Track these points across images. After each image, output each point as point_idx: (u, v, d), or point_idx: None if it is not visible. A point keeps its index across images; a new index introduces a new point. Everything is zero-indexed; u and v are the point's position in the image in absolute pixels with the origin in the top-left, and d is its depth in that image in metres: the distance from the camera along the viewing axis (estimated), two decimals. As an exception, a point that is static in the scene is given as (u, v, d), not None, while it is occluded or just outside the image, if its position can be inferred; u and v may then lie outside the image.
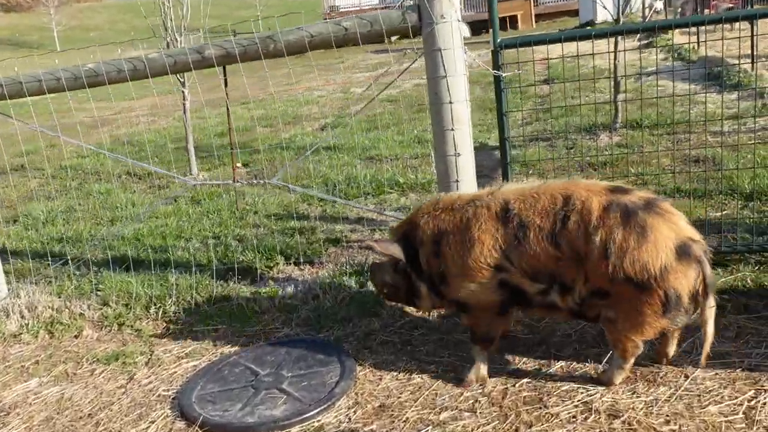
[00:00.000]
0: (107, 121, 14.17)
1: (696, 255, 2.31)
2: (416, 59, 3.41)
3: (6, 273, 4.68)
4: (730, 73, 8.31)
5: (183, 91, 7.10)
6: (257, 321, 3.58)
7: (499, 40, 3.31)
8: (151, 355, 3.39)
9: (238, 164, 7.66)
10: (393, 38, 3.86)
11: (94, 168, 8.24)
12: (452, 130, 3.18)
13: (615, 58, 6.35)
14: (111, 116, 14.71)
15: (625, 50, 5.10)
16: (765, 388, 2.45)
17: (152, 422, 2.78)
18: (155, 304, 3.85)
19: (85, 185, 7.46)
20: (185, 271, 4.17)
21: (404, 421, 2.56)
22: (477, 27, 23.81)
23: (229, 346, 3.38)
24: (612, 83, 6.53)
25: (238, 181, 3.92)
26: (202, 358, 3.29)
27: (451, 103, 3.14)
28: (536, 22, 26.08)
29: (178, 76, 7.07)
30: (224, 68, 3.51)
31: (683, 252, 2.30)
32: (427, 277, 2.71)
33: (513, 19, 24.67)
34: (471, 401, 2.62)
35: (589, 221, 2.37)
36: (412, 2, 3.23)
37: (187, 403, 2.84)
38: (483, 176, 5.64)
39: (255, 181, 4.00)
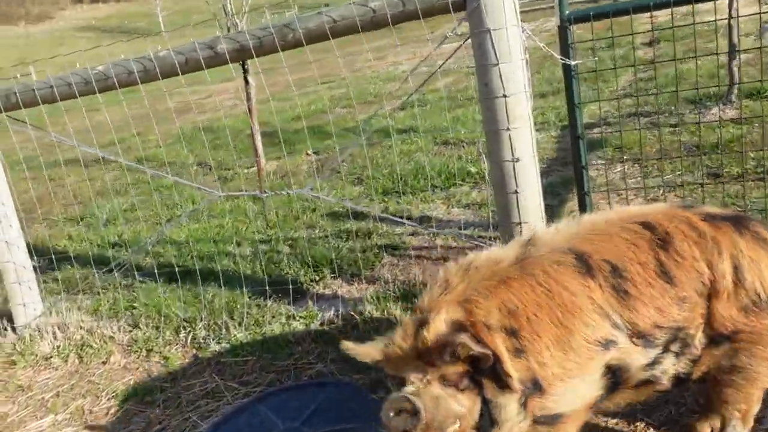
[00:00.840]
0: (200, 104, 14.26)
1: None
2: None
3: (54, 281, 4.51)
4: None
5: (246, 78, 6.73)
6: (289, 353, 3.12)
7: (567, 12, 2.60)
8: (171, 390, 3.03)
9: (309, 151, 7.26)
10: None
11: (169, 158, 8.10)
12: (508, 129, 2.53)
13: (729, 13, 5.29)
14: (200, 100, 14.80)
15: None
16: None
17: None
18: (185, 328, 3.48)
19: (155, 179, 7.31)
20: (225, 284, 3.78)
21: None
22: None
23: (255, 384, 2.94)
24: (728, 43, 5.46)
25: (264, 192, 3.44)
26: (222, 399, 2.88)
27: (505, 96, 2.49)
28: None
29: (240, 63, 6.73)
30: (243, 68, 3.06)
31: None
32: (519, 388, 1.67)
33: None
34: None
35: (701, 239, 1.74)
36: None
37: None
38: (566, 163, 4.93)
39: (281, 192, 3.50)
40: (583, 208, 2.97)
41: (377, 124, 7.81)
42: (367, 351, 1.70)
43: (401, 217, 3.59)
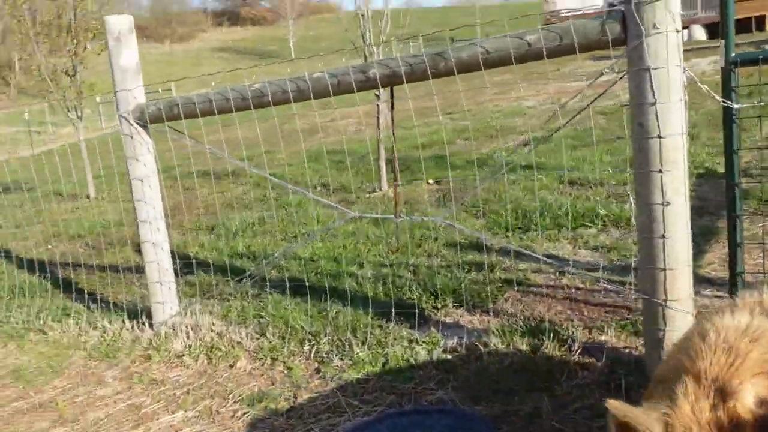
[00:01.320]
0: (323, 127, 14.79)
1: None
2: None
3: (187, 284, 4.79)
4: None
5: (377, 104, 6.93)
6: (411, 376, 3.13)
7: (733, 54, 2.51)
8: (294, 401, 3.12)
9: (431, 181, 7.34)
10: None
11: (294, 177, 8.43)
12: (660, 172, 2.45)
13: None
14: (326, 123, 15.33)
15: None
16: None
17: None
18: (310, 341, 3.59)
19: (283, 195, 7.63)
20: (349, 303, 3.87)
21: None
22: (715, 30, 21.22)
23: (375, 403, 2.98)
24: None
25: (399, 217, 3.51)
26: (343, 416, 2.93)
27: (660, 137, 2.42)
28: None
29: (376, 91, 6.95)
30: (391, 90, 3.16)
31: None
32: None
33: (760, 20, 21.62)
34: None
35: None
36: (617, 8, 2.57)
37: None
38: (708, 212, 4.69)
39: (416, 218, 3.55)
40: (733, 260, 2.81)
41: (498, 159, 7.79)
42: (642, 418, 1.31)
43: (533, 252, 3.54)
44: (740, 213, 2.74)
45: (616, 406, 1.32)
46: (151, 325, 4.15)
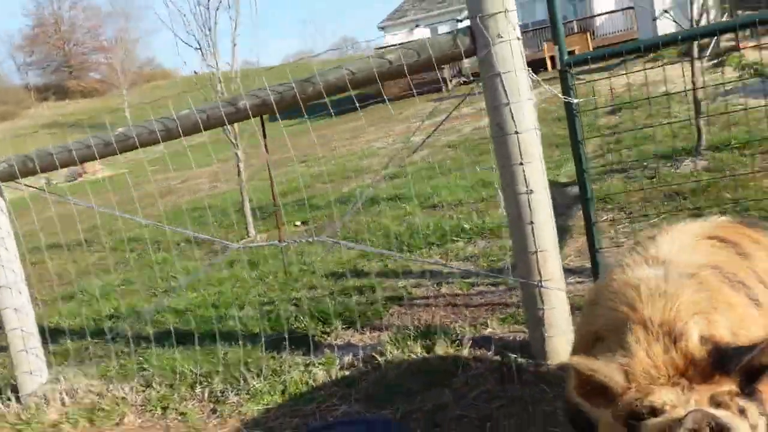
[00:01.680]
0: (174, 190, 14.36)
1: None
2: (463, 100, 3.01)
3: (54, 353, 4.45)
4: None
5: (236, 153, 6.93)
6: (312, 397, 3.13)
7: (566, 58, 2.86)
8: (195, 444, 3.00)
9: (297, 222, 7.38)
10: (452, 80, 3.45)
11: (154, 237, 8.12)
12: (521, 164, 2.71)
13: (693, 76, 5.81)
14: (177, 185, 14.91)
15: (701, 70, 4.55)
16: None
17: None
18: (201, 383, 3.47)
19: (145, 255, 7.32)
20: (235, 343, 3.80)
21: None
22: (534, 66, 23.33)
23: (281, 429, 2.94)
24: (693, 102, 5.93)
25: (284, 241, 3.54)
26: (250, 446, 2.87)
27: (517, 133, 2.69)
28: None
29: (232, 139, 6.96)
30: (261, 119, 3.22)
31: None
32: None
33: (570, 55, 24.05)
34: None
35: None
36: (463, 25, 2.83)
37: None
38: (558, 215, 5.12)
39: (302, 239, 3.60)
40: (591, 237, 3.12)
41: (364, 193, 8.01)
42: (606, 370, 1.34)
43: (419, 257, 3.68)
44: (591, 195, 3.07)
45: (579, 361, 1.36)
46: (18, 399, 3.80)
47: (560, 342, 2.85)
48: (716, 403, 1.27)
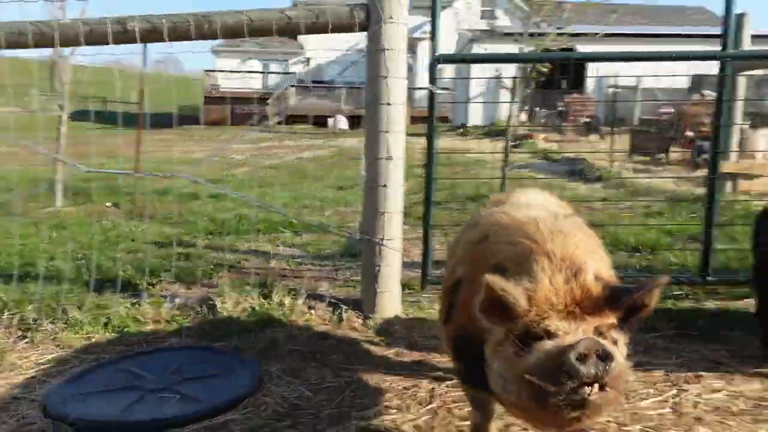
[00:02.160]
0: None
1: None
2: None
3: None
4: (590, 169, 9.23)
5: (60, 116, 6.54)
6: (139, 331, 3.10)
7: (438, 54, 3.27)
8: (1, 361, 2.81)
9: (108, 203, 7.06)
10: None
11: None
12: (387, 132, 3.05)
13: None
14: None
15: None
16: (684, 388, 2.45)
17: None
18: (10, 309, 3.25)
19: None
20: (51, 282, 3.61)
21: (321, 417, 2.24)
22: (356, 121, 24.62)
23: (104, 353, 2.87)
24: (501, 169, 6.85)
25: (139, 173, 3.49)
26: (68, 364, 2.76)
27: (389, 104, 3.03)
28: (412, 123, 27.28)
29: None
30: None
31: None
32: None
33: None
34: (398, 400, 2.36)
35: None
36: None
37: (54, 403, 2.32)
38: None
39: (157, 174, 3.58)
40: (428, 209, 3.46)
41: (178, 191, 7.88)
42: (514, 291, 1.45)
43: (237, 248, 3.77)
44: (436, 176, 3.46)
45: (493, 280, 1.45)
46: None
47: (389, 299, 3.16)
48: (599, 333, 1.43)
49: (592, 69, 18.97)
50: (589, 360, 1.33)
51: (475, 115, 21.47)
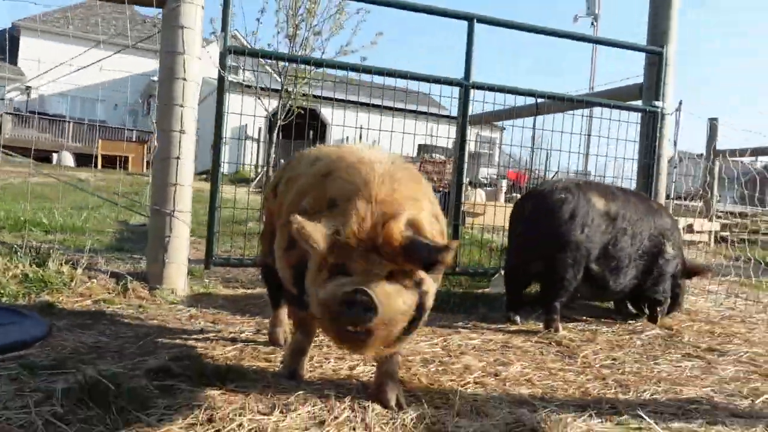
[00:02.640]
0: None
1: None
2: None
3: None
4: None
5: None
6: None
7: (227, 45, 3.48)
8: None
9: None
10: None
11: None
12: (182, 106, 3.16)
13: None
14: None
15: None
16: (448, 338, 2.93)
17: None
18: None
19: None
20: None
21: (126, 354, 2.25)
22: (81, 160, 23.07)
23: None
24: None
25: None
26: None
27: (184, 80, 3.16)
28: (147, 167, 26.22)
29: None
30: None
31: None
32: None
33: (124, 160, 24.46)
34: (202, 345, 2.46)
35: None
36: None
37: None
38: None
39: None
40: (216, 187, 3.56)
41: None
42: (314, 233, 1.56)
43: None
44: (219, 181, 3.57)
45: (294, 219, 1.55)
46: None
47: (177, 270, 3.21)
48: (391, 277, 1.58)
49: (337, 130, 20.37)
50: (354, 308, 1.50)
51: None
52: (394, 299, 1.56)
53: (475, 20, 3.92)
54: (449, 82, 3.98)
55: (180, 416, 1.74)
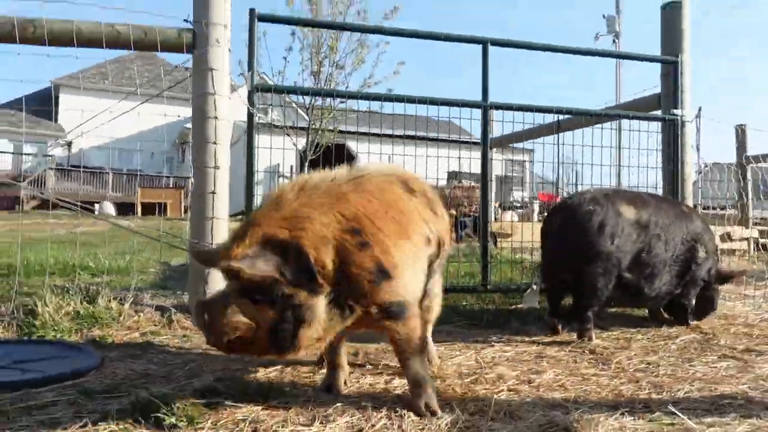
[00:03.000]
0: None
1: None
2: None
3: None
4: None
5: None
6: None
7: (256, 83, 3.66)
8: None
9: None
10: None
11: None
12: (215, 144, 3.33)
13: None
14: None
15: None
16: (482, 351, 2.99)
17: None
18: None
19: None
20: None
21: (173, 378, 2.38)
22: (122, 209, 23.76)
23: None
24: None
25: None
26: None
27: (216, 118, 3.33)
28: (185, 212, 26.83)
29: None
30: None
31: None
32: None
33: (163, 206, 25.11)
34: (239, 365, 2.57)
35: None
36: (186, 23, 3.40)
37: None
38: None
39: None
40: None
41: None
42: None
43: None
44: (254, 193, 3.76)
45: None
46: None
47: (217, 300, 3.34)
48: (241, 293, 1.79)
49: (363, 158, 20.61)
50: (198, 316, 1.83)
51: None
52: (229, 312, 1.75)
53: (489, 43, 4.05)
54: (468, 105, 4.10)
55: (226, 430, 1.85)
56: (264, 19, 3.71)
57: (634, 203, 3.36)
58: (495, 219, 8.44)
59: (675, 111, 4.36)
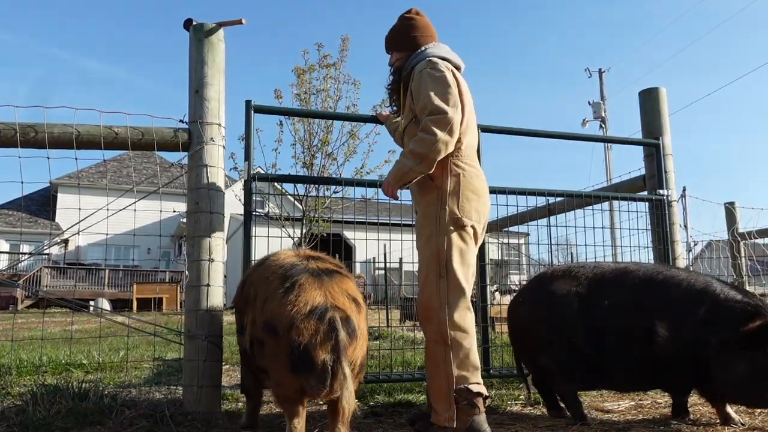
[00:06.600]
0: None
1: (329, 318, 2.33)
2: None
3: None
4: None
5: None
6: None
7: (252, 173, 3.71)
8: None
9: None
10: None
11: None
12: (209, 237, 3.38)
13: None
14: None
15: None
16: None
17: None
18: None
19: None
20: None
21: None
22: (118, 305, 23.64)
23: None
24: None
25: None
26: None
27: (211, 212, 3.40)
28: (180, 306, 26.60)
29: None
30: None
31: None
32: None
33: (159, 301, 24.96)
34: (241, 456, 2.51)
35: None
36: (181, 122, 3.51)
37: None
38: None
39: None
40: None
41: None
42: None
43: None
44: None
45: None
46: None
47: (211, 393, 3.30)
48: None
49: (360, 251, 20.64)
50: None
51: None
52: None
53: (480, 130, 4.16)
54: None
55: None
56: (260, 110, 3.81)
57: (577, 279, 3.27)
58: (492, 304, 8.42)
59: (660, 191, 4.46)
